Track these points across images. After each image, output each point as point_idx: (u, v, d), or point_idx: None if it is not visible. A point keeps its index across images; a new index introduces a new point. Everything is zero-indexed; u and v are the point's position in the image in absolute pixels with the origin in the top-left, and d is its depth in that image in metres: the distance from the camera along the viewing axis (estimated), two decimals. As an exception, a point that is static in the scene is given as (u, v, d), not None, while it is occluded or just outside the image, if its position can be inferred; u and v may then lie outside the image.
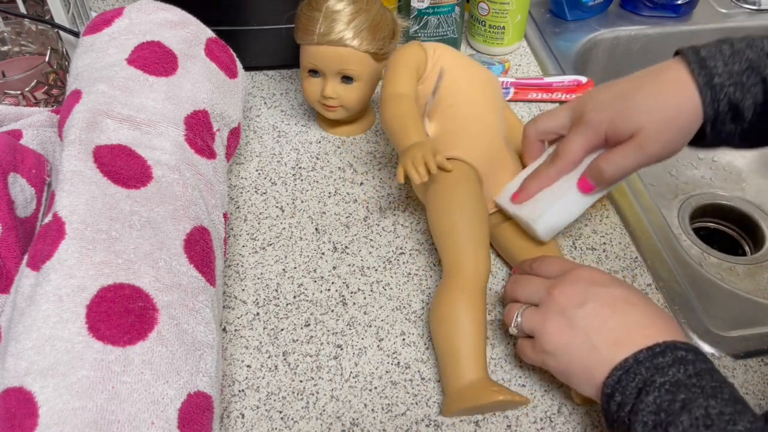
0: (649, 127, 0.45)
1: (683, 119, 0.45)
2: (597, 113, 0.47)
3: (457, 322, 0.45)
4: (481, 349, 0.45)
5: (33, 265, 0.40)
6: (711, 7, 0.89)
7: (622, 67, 0.87)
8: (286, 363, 0.48)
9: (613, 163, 0.47)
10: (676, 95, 0.45)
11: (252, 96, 0.72)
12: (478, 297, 0.46)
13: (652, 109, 0.45)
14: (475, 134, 0.53)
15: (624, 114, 0.46)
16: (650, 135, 0.45)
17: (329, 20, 0.57)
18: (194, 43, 0.54)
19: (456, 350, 0.44)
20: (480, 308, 0.46)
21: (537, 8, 0.88)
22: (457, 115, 0.54)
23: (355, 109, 0.63)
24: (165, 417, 0.36)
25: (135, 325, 0.38)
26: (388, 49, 0.61)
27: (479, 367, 0.44)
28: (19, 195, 0.48)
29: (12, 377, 0.35)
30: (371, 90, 0.63)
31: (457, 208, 0.49)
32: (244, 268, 0.55)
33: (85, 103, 0.47)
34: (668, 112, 0.45)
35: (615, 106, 0.46)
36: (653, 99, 0.45)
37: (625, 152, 0.46)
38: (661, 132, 0.45)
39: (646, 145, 0.45)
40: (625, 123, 0.46)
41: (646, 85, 0.46)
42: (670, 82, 0.45)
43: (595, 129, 0.47)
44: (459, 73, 0.55)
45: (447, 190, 0.49)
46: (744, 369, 0.48)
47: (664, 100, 0.45)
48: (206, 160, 0.50)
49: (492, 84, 0.57)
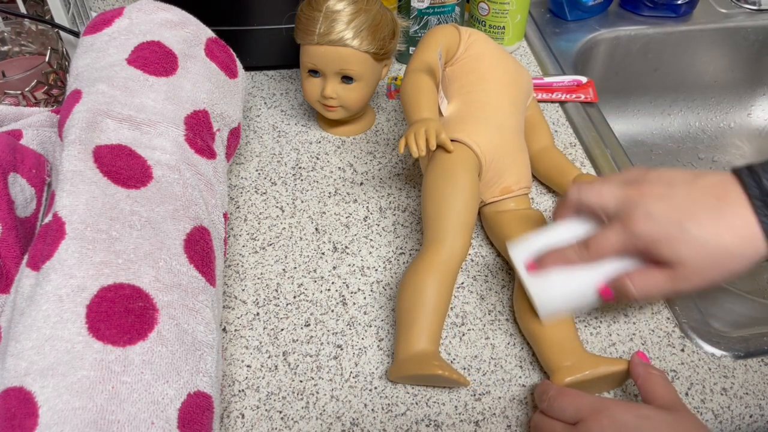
0: (693, 263, 0.40)
1: (735, 263, 0.40)
2: (644, 225, 0.41)
3: (422, 295, 0.46)
4: (438, 325, 0.46)
5: (33, 265, 0.40)
6: (711, 7, 0.88)
7: (622, 67, 0.87)
8: (286, 363, 0.48)
9: (642, 288, 0.42)
10: (733, 237, 0.40)
11: (252, 96, 0.72)
12: (448, 276, 0.47)
13: (703, 245, 0.40)
14: (486, 123, 0.53)
15: (672, 241, 0.41)
16: (692, 270, 0.41)
17: (329, 20, 0.57)
18: (194, 43, 0.54)
19: (413, 320, 0.45)
20: (447, 288, 0.47)
21: (537, 8, 0.88)
22: (474, 102, 0.55)
23: (354, 109, 0.63)
24: (165, 417, 0.36)
25: (135, 325, 0.38)
26: (388, 48, 0.61)
27: (430, 341, 0.45)
28: (19, 195, 0.48)
29: (12, 377, 0.35)
30: (371, 90, 0.63)
31: (448, 188, 0.49)
32: (244, 268, 0.55)
33: (85, 103, 0.47)
34: (719, 253, 0.40)
35: (665, 227, 0.41)
36: (707, 233, 0.40)
37: (659, 279, 0.42)
38: (704, 269, 0.41)
39: (684, 279, 0.41)
40: (670, 250, 0.41)
41: (702, 212, 0.40)
42: (729, 219, 0.40)
43: (636, 239, 0.42)
44: (489, 61, 0.57)
45: (443, 169, 0.50)
46: (744, 369, 0.48)
47: (719, 240, 0.40)
48: (206, 160, 0.50)
49: (521, 79, 0.58)
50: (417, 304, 0.46)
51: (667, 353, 0.49)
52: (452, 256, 0.47)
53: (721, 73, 0.90)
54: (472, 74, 0.56)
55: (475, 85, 0.55)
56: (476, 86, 0.55)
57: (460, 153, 0.51)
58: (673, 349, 0.49)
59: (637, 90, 0.90)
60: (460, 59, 0.57)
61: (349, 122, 0.67)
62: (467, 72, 0.57)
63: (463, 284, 0.54)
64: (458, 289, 0.53)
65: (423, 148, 0.48)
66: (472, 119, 0.53)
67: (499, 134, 0.53)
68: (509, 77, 0.57)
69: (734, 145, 0.92)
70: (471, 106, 0.55)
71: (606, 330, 0.50)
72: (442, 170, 0.50)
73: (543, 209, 0.60)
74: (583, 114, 0.70)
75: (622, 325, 0.51)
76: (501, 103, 0.55)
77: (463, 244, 0.48)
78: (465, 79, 0.56)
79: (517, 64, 0.59)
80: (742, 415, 0.46)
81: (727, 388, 0.47)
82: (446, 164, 0.50)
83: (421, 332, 0.45)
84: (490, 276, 0.54)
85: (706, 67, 0.90)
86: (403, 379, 0.46)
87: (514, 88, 0.57)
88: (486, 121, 0.53)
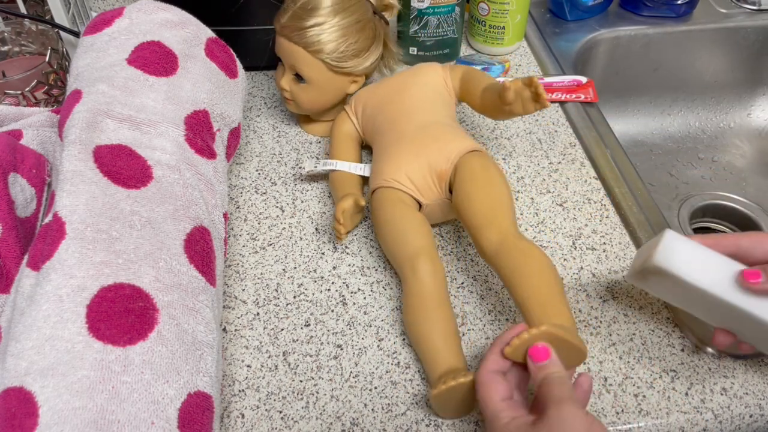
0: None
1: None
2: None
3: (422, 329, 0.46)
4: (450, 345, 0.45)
5: (33, 265, 0.40)
6: (711, 7, 0.88)
7: (622, 67, 0.87)
8: (286, 363, 0.48)
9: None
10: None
11: (252, 96, 0.72)
12: (431, 304, 0.47)
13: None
14: (389, 154, 0.55)
15: None
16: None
17: (294, 15, 0.57)
18: (194, 43, 0.54)
19: (427, 351, 0.46)
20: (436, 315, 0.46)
21: (537, 8, 0.88)
22: (380, 142, 0.57)
23: (306, 110, 0.64)
24: (165, 417, 0.36)
25: (135, 325, 0.38)
26: (348, 67, 0.59)
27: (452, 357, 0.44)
28: (19, 195, 0.48)
29: (12, 377, 0.35)
30: (329, 97, 0.62)
31: (389, 230, 0.52)
32: (244, 268, 0.55)
33: (85, 103, 0.47)
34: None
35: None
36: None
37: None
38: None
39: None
40: None
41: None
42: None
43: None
44: (373, 102, 0.61)
45: (373, 218, 0.54)
46: (744, 369, 0.48)
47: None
48: (206, 160, 0.50)
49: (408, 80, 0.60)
50: (422, 339, 0.46)
51: (667, 353, 0.49)
52: (423, 284, 0.47)
53: (721, 73, 0.90)
54: (368, 125, 0.60)
55: (374, 128, 0.59)
56: (374, 128, 0.59)
57: (383, 196, 0.53)
58: (673, 349, 0.49)
59: (637, 90, 0.90)
60: (361, 127, 0.62)
61: (320, 122, 0.67)
62: (366, 127, 0.61)
63: (463, 284, 0.54)
64: (458, 289, 0.53)
65: (339, 229, 0.54)
66: (379, 159, 0.56)
67: (405, 146, 0.55)
68: (391, 95, 0.60)
69: (734, 145, 0.92)
70: (378, 148, 0.57)
71: (606, 330, 0.50)
72: (375, 218, 0.53)
73: (543, 209, 0.60)
74: (583, 114, 0.70)
75: (622, 325, 0.51)
76: (397, 121, 0.57)
77: (431, 270, 0.48)
78: (369, 133, 0.60)
79: (404, 73, 0.62)
80: (742, 415, 0.46)
81: (727, 388, 0.47)
82: (376, 211, 0.53)
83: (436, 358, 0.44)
84: (490, 276, 0.54)
85: (706, 67, 0.90)
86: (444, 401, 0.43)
87: (403, 99, 0.59)
88: (388, 152, 0.55)
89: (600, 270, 0.55)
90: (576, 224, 0.58)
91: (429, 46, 0.75)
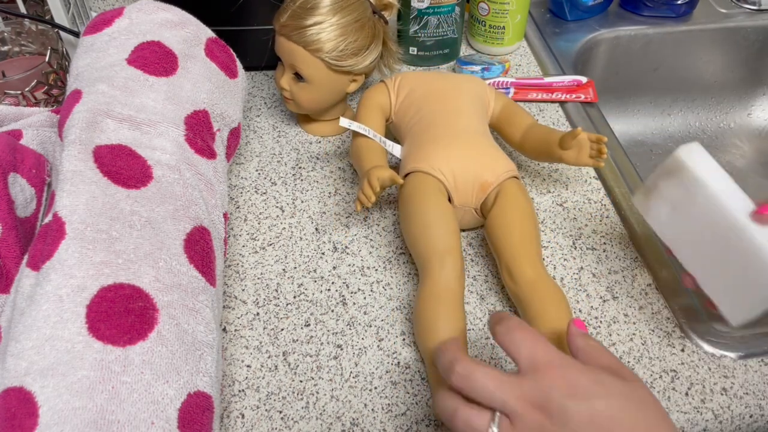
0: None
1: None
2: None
3: (435, 327, 0.46)
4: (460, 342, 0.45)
5: (33, 265, 0.40)
6: (711, 7, 0.88)
7: (622, 67, 0.87)
8: (286, 363, 0.48)
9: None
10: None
11: (252, 96, 0.72)
12: (452, 302, 0.47)
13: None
14: (436, 143, 0.55)
15: None
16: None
17: (294, 14, 0.57)
18: (194, 43, 0.54)
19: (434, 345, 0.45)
20: (452, 314, 0.46)
21: (537, 8, 0.88)
22: (421, 131, 0.57)
23: (305, 109, 0.64)
24: (165, 417, 0.36)
25: (135, 325, 0.38)
26: (347, 66, 0.59)
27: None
28: (19, 195, 0.48)
29: (12, 377, 0.35)
30: (329, 96, 0.62)
31: (419, 218, 0.51)
32: (244, 268, 0.55)
33: (85, 103, 0.47)
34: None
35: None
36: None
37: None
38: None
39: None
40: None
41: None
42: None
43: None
44: (420, 91, 0.60)
45: (409, 201, 0.52)
46: (744, 369, 0.48)
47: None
48: (206, 160, 0.50)
49: (462, 87, 0.60)
50: (432, 334, 0.45)
51: (667, 353, 0.49)
52: (448, 281, 0.47)
53: (721, 73, 0.90)
54: (410, 110, 0.59)
55: (416, 116, 0.58)
56: (417, 117, 0.58)
57: (421, 181, 0.53)
58: (673, 349, 0.49)
59: (637, 90, 0.90)
60: (397, 106, 0.60)
61: (319, 121, 0.67)
62: (406, 111, 0.59)
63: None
64: (458, 289, 0.53)
65: (371, 196, 0.50)
66: (423, 146, 0.55)
67: (456, 143, 0.54)
68: (445, 91, 0.59)
69: (734, 145, 0.92)
70: (419, 136, 0.56)
71: (606, 330, 0.50)
72: (409, 202, 0.52)
73: (543, 209, 0.60)
74: (583, 114, 0.70)
75: (622, 325, 0.51)
76: (446, 117, 0.57)
77: (459, 269, 0.48)
78: (407, 117, 0.59)
79: (455, 76, 0.62)
80: (742, 415, 0.46)
81: (727, 388, 0.47)
82: (411, 195, 0.52)
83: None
84: (490, 276, 0.54)
85: (706, 67, 0.90)
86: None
87: (455, 98, 0.58)
88: (435, 142, 0.55)
89: (600, 270, 0.55)
90: (576, 224, 0.58)
91: (429, 46, 0.75)
